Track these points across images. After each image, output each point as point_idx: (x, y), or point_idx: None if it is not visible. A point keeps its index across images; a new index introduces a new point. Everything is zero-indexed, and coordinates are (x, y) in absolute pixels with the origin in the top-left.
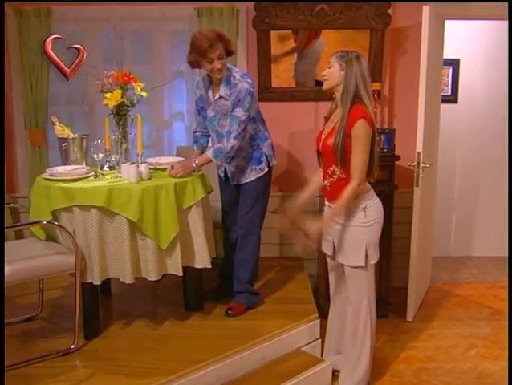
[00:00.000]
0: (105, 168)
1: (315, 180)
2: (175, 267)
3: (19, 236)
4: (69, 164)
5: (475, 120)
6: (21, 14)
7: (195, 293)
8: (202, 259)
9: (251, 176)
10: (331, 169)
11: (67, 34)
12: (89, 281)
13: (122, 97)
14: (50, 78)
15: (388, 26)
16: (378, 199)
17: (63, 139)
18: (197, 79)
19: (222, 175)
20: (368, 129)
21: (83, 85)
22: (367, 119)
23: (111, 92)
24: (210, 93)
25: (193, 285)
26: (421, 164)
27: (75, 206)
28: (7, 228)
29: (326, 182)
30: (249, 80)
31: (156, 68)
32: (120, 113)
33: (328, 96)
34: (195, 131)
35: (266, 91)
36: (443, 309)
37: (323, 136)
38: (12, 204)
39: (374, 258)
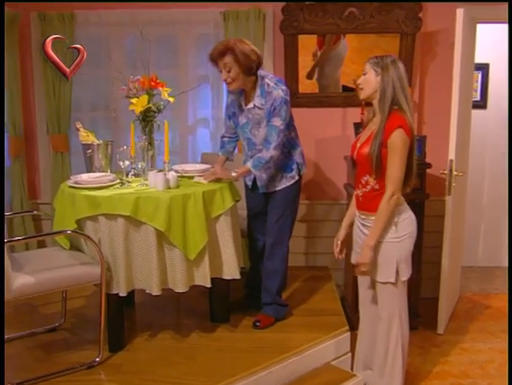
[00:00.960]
0: (130, 176)
1: (353, 207)
2: (203, 278)
3: (41, 244)
4: (93, 172)
5: (504, 126)
6: (44, 19)
7: (222, 304)
8: (231, 270)
9: (281, 184)
10: (365, 179)
11: (91, 39)
12: (114, 292)
13: (148, 102)
14: (73, 83)
15: (419, 29)
16: (411, 213)
17: (88, 146)
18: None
19: (250, 183)
20: (406, 139)
21: (107, 90)
22: (405, 129)
23: (138, 97)
24: (243, 100)
25: (220, 296)
26: (454, 172)
27: (100, 215)
28: (31, 238)
29: (358, 191)
30: (283, 87)
31: (181, 73)
32: (147, 119)
33: (356, 102)
34: (223, 136)
35: (293, 97)
36: (474, 321)
37: (359, 144)
38: (35, 212)
39: (405, 274)
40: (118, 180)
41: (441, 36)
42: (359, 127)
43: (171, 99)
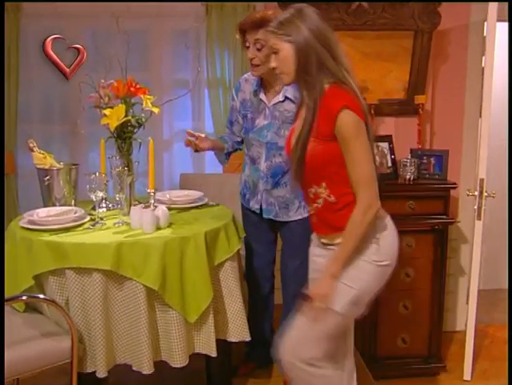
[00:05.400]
0: (101, 210)
1: None
2: (207, 346)
3: None
4: (53, 204)
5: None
6: None
7: (223, 369)
8: (239, 330)
9: (297, 214)
10: (312, 191)
11: (42, 34)
12: (89, 370)
13: (126, 114)
14: (19, 87)
15: (436, 26)
16: (395, 231)
17: (45, 171)
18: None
19: (257, 206)
20: (359, 120)
21: (63, 97)
22: (353, 108)
23: (111, 108)
24: (264, 96)
25: (221, 359)
26: (485, 194)
27: (68, 268)
28: None
29: (309, 208)
30: None
31: (153, 76)
32: (124, 136)
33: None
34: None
35: None
36: (497, 361)
37: (294, 140)
38: None
39: (355, 311)
40: (88, 218)
41: (454, 35)
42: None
43: (155, 110)
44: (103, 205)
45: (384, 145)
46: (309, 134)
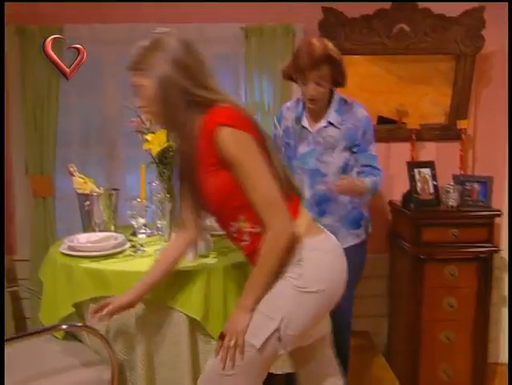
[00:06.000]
0: (141, 236)
1: (165, 257)
2: None
3: (21, 324)
4: (93, 230)
5: None
6: (24, 34)
7: None
8: (281, 362)
9: (347, 241)
10: (233, 229)
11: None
12: None
13: (168, 139)
14: (59, 111)
15: (479, 50)
16: (330, 253)
17: (85, 196)
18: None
19: None
20: (242, 135)
21: (101, 121)
22: (231, 122)
23: (153, 133)
24: (306, 122)
25: None
26: None
27: (110, 297)
28: (10, 340)
29: (239, 248)
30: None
31: None
32: (165, 161)
33: (404, 135)
34: None
35: None
36: None
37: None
38: (15, 288)
39: (280, 345)
40: (128, 244)
41: (496, 58)
42: (414, 166)
43: None
44: (143, 231)
45: (426, 171)
46: (193, 171)
